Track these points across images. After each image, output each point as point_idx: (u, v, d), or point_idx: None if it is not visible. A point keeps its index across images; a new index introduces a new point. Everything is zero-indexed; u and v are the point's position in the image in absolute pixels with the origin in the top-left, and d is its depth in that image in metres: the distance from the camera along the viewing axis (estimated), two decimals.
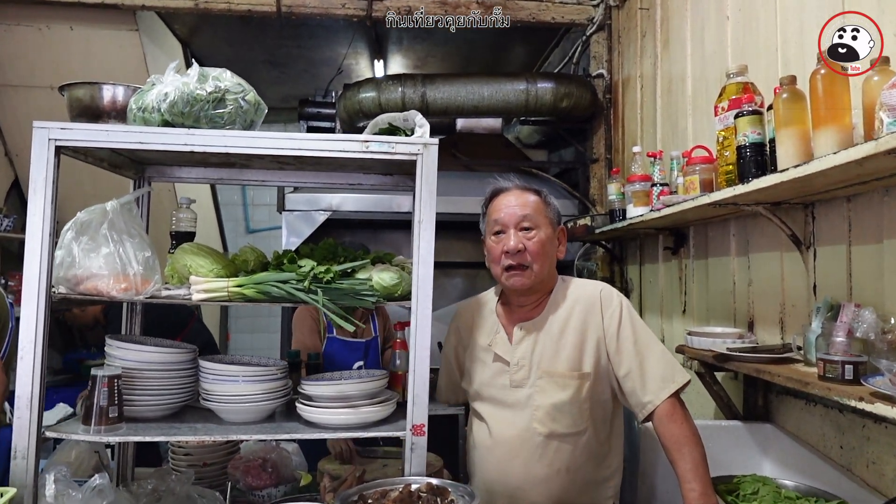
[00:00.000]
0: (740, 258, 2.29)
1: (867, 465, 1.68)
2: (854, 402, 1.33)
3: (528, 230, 1.69)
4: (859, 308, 1.54)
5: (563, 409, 1.65)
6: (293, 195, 3.74)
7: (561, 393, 1.65)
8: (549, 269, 1.73)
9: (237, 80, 1.63)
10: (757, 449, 2.03)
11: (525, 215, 1.69)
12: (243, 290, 1.61)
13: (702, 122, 2.56)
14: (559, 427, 1.65)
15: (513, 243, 1.66)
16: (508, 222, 1.69)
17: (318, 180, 2.01)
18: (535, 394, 1.67)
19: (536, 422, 1.66)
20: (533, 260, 1.67)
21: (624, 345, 1.66)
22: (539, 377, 1.67)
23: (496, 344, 1.75)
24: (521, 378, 1.69)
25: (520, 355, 1.71)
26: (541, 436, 1.65)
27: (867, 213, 1.66)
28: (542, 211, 1.72)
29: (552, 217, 1.74)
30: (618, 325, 1.68)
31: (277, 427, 1.67)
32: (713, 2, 2.49)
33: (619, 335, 1.67)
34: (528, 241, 1.68)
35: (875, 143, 1.19)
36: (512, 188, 1.76)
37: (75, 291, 1.56)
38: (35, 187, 1.49)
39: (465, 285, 4.50)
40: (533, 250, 1.67)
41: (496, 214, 1.72)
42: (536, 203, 1.72)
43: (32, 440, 1.46)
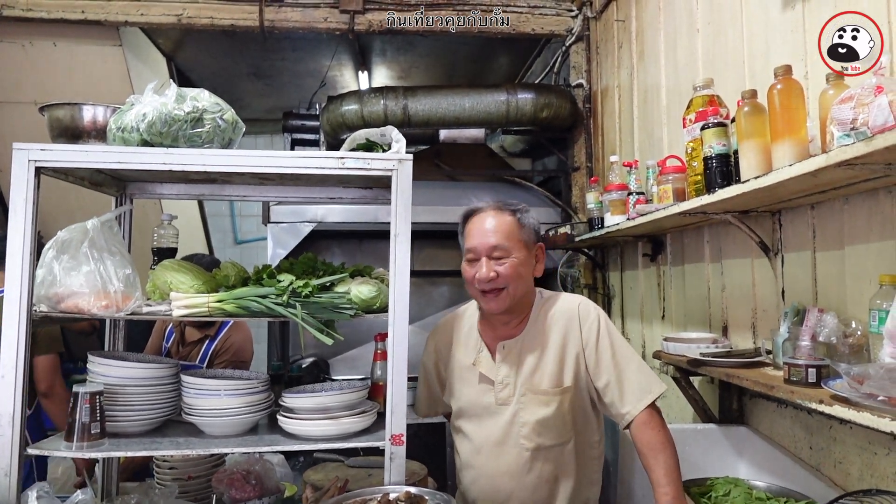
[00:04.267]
0: (714, 264, 2.35)
1: (834, 465, 1.73)
2: (815, 404, 1.37)
3: (500, 258, 1.69)
4: (822, 313, 1.59)
5: (548, 424, 1.69)
6: (278, 207, 3.77)
7: (545, 409, 1.69)
8: (525, 289, 1.75)
9: (215, 100, 1.66)
10: (732, 451, 2.07)
11: (496, 245, 1.68)
12: (223, 305, 1.64)
13: (676, 132, 2.62)
14: (545, 440, 1.69)
15: (484, 272, 1.67)
16: (480, 251, 1.70)
17: (299, 195, 2.04)
18: (520, 410, 1.70)
19: (523, 437, 1.70)
20: (506, 282, 1.68)
21: (602, 357, 1.70)
22: (523, 394, 1.71)
23: (480, 363, 1.77)
24: (506, 396, 1.72)
25: (504, 373, 1.73)
26: (528, 450, 1.69)
27: (829, 220, 1.71)
28: (515, 234, 1.71)
29: (527, 238, 1.74)
30: (596, 338, 1.71)
31: (259, 440, 1.70)
32: (684, 15, 2.56)
33: (598, 348, 1.71)
34: (500, 266, 1.68)
35: (826, 156, 1.24)
36: (486, 209, 1.75)
37: (56, 310, 1.58)
38: (15, 208, 1.52)
39: (451, 293, 4.54)
40: (506, 274, 1.68)
41: (470, 241, 1.73)
42: (510, 226, 1.72)
43: (15, 458, 1.48)
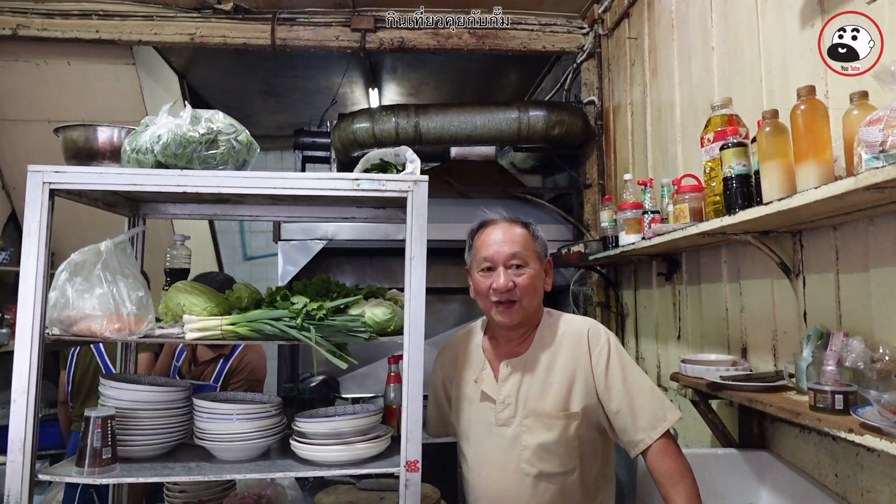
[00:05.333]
0: (732, 285, 2.31)
1: (862, 494, 1.68)
2: (844, 433, 1.33)
3: (519, 267, 1.67)
4: (848, 337, 1.56)
5: (551, 450, 1.62)
6: (289, 225, 3.77)
7: (548, 433, 1.62)
8: (536, 303, 1.72)
9: (229, 121, 1.66)
10: (753, 477, 2.02)
11: (515, 253, 1.67)
12: (236, 328, 1.62)
13: (691, 150, 2.60)
14: (547, 467, 1.62)
15: (502, 281, 1.64)
16: (498, 259, 1.67)
17: (312, 215, 2.03)
18: (523, 433, 1.64)
19: (524, 462, 1.63)
20: (522, 295, 1.66)
21: (613, 382, 1.64)
22: (525, 416, 1.65)
23: (482, 381, 1.73)
24: (507, 417, 1.67)
25: (506, 393, 1.68)
26: (529, 476, 1.63)
27: (853, 241, 1.68)
28: (530, 246, 1.70)
29: (539, 251, 1.73)
30: (606, 362, 1.66)
31: (272, 465, 1.66)
32: (699, 33, 2.54)
33: (608, 373, 1.65)
34: (518, 277, 1.66)
35: (854, 179, 1.21)
36: (499, 221, 1.74)
37: (69, 332, 1.56)
38: (29, 230, 1.51)
39: (462, 311, 4.51)
40: (523, 286, 1.66)
41: (485, 251, 1.70)
42: (524, 237, 1.71)
43: (25, 484, 1.46)
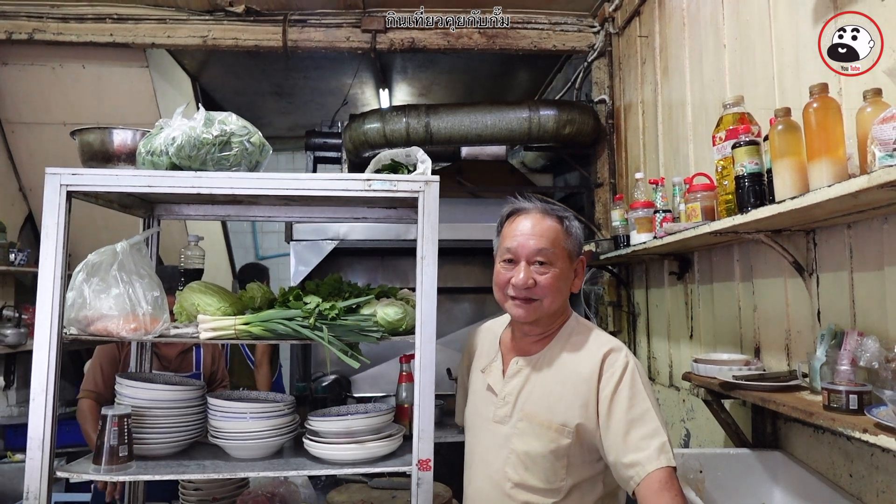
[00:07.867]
0: (745, 283, 2.30)
1: (877, 494, 1.66)
2: (858, 433, 1.32)
3: (542, 265, 1.52)
4: (862, 336, 1.55)
5: (537, 461, 1.48)
6: (300, 225, 3.79)
7: (536, 442, 1.49)
8: (560, 305, 1.57)
9: (242, 123, 1.67)
10: (766, 477, 2.01)
11: (540, 249, 1.51)
12: (250, 328, 1.64)
13: (702, 149, 2.58)
14: (530, 479, 1.48)
15: (521, 278, 1.50)
16: (521, 253, 1.52)
17: (324, 215, 2.04)
18: (514, 436, 1.52)
19: (509, 466, 1.51)
20: (543, 295, 1.51)
21: (616, 409, 1.44)
22: (520, 419, 1.53)
23: (490, 372, 1.63)
24: (504, 415, 1.56)
25: (508, 390, 1.57)
26: (510, 482, 1.50)
27: (868, 240, 1.67)
28: (560, 242, 1.54)
29: (571, 248, 1.56)
30: (614, 387, 1.45)
31: (285, 463, 1.68)
32: (711, 31, 2.53)
33: (614, 398, 1.45)
34: (541, 276, 1.51)
35: (868, 178, 1.20)
36: (532, 211, 1.57)
37: (86, 332, 1.59)
38: (47, 232, 1.54)
39: (473, 310, 4.52)
40: (545, 285, 1.51)
41: (509, 241, 1.54)
42: (556, 233, 1.54)
43: (44, 482, 1.48)
